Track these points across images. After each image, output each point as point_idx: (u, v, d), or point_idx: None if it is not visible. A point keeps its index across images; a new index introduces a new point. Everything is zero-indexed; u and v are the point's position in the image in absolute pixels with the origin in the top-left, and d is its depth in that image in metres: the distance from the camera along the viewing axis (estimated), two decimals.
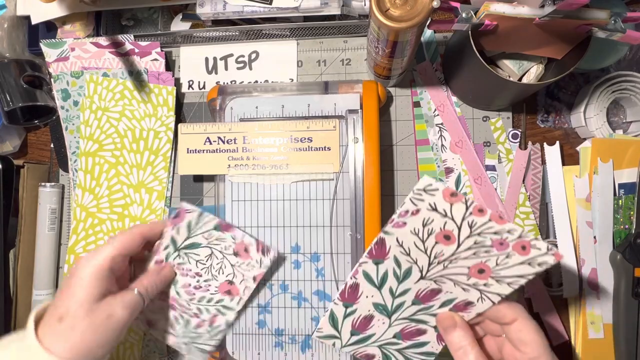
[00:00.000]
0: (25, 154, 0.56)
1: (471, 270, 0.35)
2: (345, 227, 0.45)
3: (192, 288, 0.43)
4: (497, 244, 0.33)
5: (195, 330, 0.44)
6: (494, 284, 0.35)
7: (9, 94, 0.50)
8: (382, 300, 0.38)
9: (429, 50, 0.51)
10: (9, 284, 0.51)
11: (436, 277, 0.36)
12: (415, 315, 0.38)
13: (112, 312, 0.36)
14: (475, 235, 0.34)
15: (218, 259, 0.43)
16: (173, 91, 0.51)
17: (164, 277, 0.42)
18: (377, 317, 0.38)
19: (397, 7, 0.34)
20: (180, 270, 0.43)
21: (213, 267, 0.43)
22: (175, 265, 0.43)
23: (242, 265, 0.43)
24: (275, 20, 0.51)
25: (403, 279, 0.37)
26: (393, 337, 0.39)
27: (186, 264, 0.43)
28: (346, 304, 0.38)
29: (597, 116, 0.47)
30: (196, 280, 0.43)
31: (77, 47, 0.52)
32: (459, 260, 0.35)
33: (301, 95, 0.47)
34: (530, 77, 0.44)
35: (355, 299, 0.38)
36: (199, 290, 0.43)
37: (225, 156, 0.47)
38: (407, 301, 0.37)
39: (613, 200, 0.46)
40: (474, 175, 0.48)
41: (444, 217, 0.34)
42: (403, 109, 0.51)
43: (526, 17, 0.36)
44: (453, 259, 0.35)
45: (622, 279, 0.44)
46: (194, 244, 0.42)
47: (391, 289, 0.37)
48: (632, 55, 0.49)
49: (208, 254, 0.43)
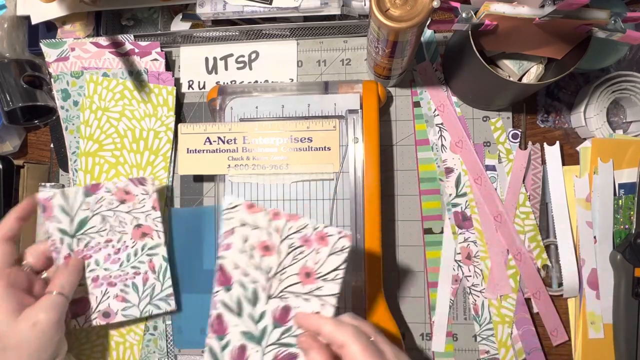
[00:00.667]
0: (25, 154, 0.56)
1: (300, 277, 0.35)
2: (345, 227, 0.45)
3: (114, 255, 0.44)
4: (303, 241, 0.35)
5: (147, 287, 0.45)
6: (323, 285, 0.35)
7: (9, 94, 0.50)
8: (246, 327, 0.37)
9: (429, 50, 0.51)
10: None
11: (279, 293, 0.36)
12: (282, 339, 0.36)
13: (35, 320, 0.36)
14: (285, 240, 0.35)
15: (112, 217, 0.44)
16: (173, 91, 0.51)
17: (74, 267, 0.42)
18: (250, 346, 0.37)
19: (397, 7, 0.34)
20: (91, 250, 0.44)
21: (114, 226, 0.44)
22: (83, 250, 0.43)
23: (136, 205, 0.44)
24: (275, 20, 0.51)
25: (255, 302, 0.36)
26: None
27: (91, 241, 0.44)
28: (219, 337, 0.37)
29: (597, 116, 0.47)
30: (111, 246, 0.44)
31: (77, 47, 0.52)
32: (287, 269, 0.35)
33: (301, 95, 0.47)
34: (530, 77, 0.44)
35: (224, 330, 0.37)
36: (120, 252, 0.44)
37: (225, 156, 0.47)
38: (269, 324, 0.36)
39: (613, 200, 0.46)
40: (474, 175, 0.48)
41: (255, 229, 0.35)
42: (403, 109, 0.51)
43: (526, 17, 0.36)
44: (281, 270, 0.36)
45: (622, 279, 0.44)
46: (82, 221, 0.43)
47: (251, 315, 0.37)
48: (632, 55, 0.49)
49: (101, 219, 0.44)
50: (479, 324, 0.47)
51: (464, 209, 0.48)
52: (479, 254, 0.48)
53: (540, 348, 0.47)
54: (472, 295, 0.48)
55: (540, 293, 0.47)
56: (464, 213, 0.48)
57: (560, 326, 0.47)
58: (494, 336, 0.47)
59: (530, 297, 0.47)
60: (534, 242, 0.47)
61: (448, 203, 0.49)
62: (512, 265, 0.47)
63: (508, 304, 0.47)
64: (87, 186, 0.44)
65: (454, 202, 0.48)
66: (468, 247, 0.48)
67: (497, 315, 0.47)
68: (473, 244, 0.48)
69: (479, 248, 0.48)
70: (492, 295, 0.47)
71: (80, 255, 0.44)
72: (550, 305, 0.47)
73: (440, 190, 0.49)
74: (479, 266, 0.48)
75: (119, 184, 0.44)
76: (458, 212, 0.48)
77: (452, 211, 0.48)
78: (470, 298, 0.48)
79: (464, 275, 0.48)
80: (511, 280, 0.47)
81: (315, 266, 0.35)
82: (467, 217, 0.48)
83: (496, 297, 0.47)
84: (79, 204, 0.43)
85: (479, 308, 0.47)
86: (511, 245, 0.47)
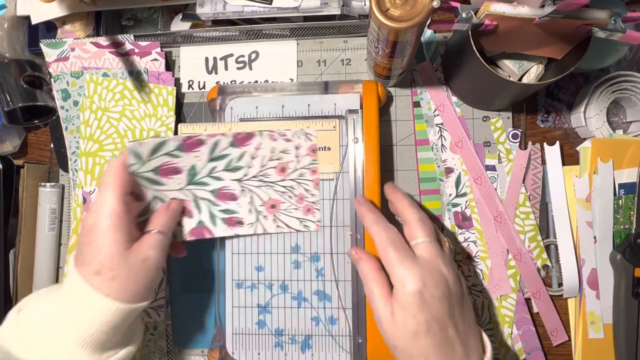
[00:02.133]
0: (25, 154, 0.56)
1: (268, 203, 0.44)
2: (345, 227, 0.45)
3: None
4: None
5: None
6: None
7: (9, 94, 0.50)
8: (199, 167, 0.43)
9: (429, 50, 0.51)
10: (9, 284, 0.51)
11: (247, 186, 0.44)
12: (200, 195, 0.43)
13: (145, 256, 0.36)
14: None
15: None
16: (173, 91, 0.51)
17: (173, 210, 0.41)
18: (183, 174, 0.42)
19: (397, 7, 0.34)
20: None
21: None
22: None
23: None
24: (275, 20, 0.51)
25: (228, 169, 0.43)
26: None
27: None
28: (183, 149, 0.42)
29: (597, 116, 0.47)
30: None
31: (77, 47, 0.52)
32: (272, 187, 0.44)
33: (301, 95, 0.47)
34: (530, 77, 0.44)
35: (191, 149, 0.42)
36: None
37: None
38: (211, 185, 0.43)
39: (613, 200, 0.46)
40: (474, 175, 0.48)
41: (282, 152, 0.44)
42: (403, 109, 0.51)
43: (526, 17, 0.36)
44: (271, 183, 0.44)
45: (622, 279, 0.44)
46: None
47: (213, 168, 0.43)
48: (632, 55, 0.49)
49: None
50: (479, 324, 0.47)
51: (464, 209, 0.48)
52: (479, 254, 0.48)
53: (540, 348, 0.47)
54: (472, 295, 0.48)
55: (540, 293, 0.47)
56: (464, 213, 0.48)
57: (560, 326, 0.47)
58: (494, 336, 0.47)
59: (530, 297, 0.47)
60: (534, 242, 0.47)
61: (448, 203, 0.49)
62: (512, 265, 0.47)
63: (508, 304, 0.47)
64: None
65: (454, 202, 0.48)
66: (468, 247, 0.48)
67: (497, 315, 0.47)
68: (473, 244, 0.48)
69: (479, 248, 0.48)
70: (492, 296, 0.47)
71: None
72: (550, 305, 0.47)
73: (440, 190, 0.49)
74: (479, 266, 0.48)
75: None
76: (458, 212, 0.48)
77: (452, 211, 0.48)
78: (470, 298, 0.48)
79: (464, 275, 0.48)
80: (511, 280, 0.47)
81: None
82: (467, 217, 0.48)
83: (496, 297, 0.47)
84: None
85: (479, 308, 0.47)
86: (511, 245, 0.47)
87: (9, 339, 0.35)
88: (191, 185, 0.43)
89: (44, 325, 0.35)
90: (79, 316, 0.34)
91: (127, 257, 0.35)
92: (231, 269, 0.45)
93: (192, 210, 0.43)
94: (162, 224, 0.40)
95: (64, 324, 0.35)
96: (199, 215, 0.43)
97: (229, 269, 0.46)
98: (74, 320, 0.35)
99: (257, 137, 0.44)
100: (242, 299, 0.45)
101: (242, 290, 0.45)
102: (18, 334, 0.35)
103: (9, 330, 0.35)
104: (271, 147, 0.44)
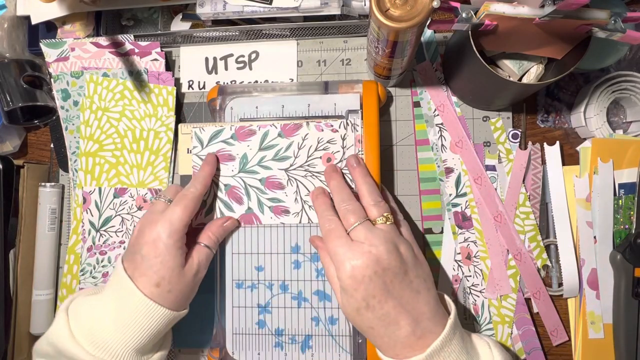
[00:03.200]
0: (25, 154, 0.56)
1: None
2: None
3: None
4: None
5: None
6: None
7: (9, 94, 0.50)
8: (250, 156, 0.45)
9: (429, 50, 0.51)
10: (9, 284, 0.50)
11: (294, 176, 0.45)
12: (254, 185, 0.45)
13: (197, 272, 0.41)
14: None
15: None
16: (173, 91, 0.51)
17: (227, 229, 0.45)
18: (236, 161, 0.45)
19: (397, 7, 0.34)
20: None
21: None
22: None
23: None
24: (275, 20, 0.51)
25: (276, 158, 0.45)
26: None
27: None
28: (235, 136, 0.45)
29: (597, 116, 0.47)
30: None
31: (77, 47, 0.52)
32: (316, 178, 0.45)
33: (301, 95, 0.47)
34: (530, 77, 0.44)
35: (244, 138, 0.45)
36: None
37: None
38: (260, 174, 0.45)
39: (613, 200, 0.46)
40: (474, 175, 0.48)
41: (337, 146, 0.45)
42: (403, 109, 0.51)
43: (526, 17, 0.36)
44: (317, 173, 0.45)
45: (622, 279, 0.44)
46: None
47: (263, 157, 0.45)
48: (632, 55, 0.49)
49: None
50: (479, 324, 0.47)
51: (464, 209, 0.48)
52: (479, 254, 0.48)
53: (540, 348, 0.47)
54: (472, 295, 0.48)
55: (540, 293, 0.47)
56: (464, 213, 0.48)
57: (560, 326, 0.47)
58: (494, 336, 0.47)
59: (530, 297, 0.47)
60: (534, 242, 0.47)
61: (448, 203, 0.49)
62: (512, 265, 0.47)
63: (508, 304, 0.47)
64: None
65: (454, 202, 0.48)
66: (468, 247, 0.48)
67: (497, 315, 0.47)
68: (473, 244, 0.48)
69: (479, 248, 0.48)
70: (492, 295, 0.47)
71: None
72: (550, 305, 0.47)
73: (440, 190, 0.49)
74: (479, 266, 0.48)
75: None
76: (458, 212, 0.48)
77: (452, 211, 0.48)
78: (470, 298, 0.48)
79: (464, 275, 0.48)
80: (511, 280, 0.47)
81: None
82: (467, 217, 0.48)
83: (496, 297, 0.47)
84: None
85: (479, 308, 0.47)
86: (511, 245, 0.47)
87: (62, 337, 0.37)
88: (242, 172, 0.45)
89: (100, 328, 0.38)
90: (137, 323, 0.38)
91: (184, 273, 0.40)
92: (231, 269, 0.46)
93: (242, 197, 0.45)
94: (215, 241, 0.43)
95: (122, 328, 0.37)
96: (249, 202, 0.45)
97: (229, 269, 0.46)
98: (131, 325, 0.38)
99: (304, 127, 0.45)
100: (242, 299, 0.45)
101: (242, 290, 0.45)
102: (71, 334, 0.37)
103: (62, 329, 0.38)
104: (318, 138, 0.45)
